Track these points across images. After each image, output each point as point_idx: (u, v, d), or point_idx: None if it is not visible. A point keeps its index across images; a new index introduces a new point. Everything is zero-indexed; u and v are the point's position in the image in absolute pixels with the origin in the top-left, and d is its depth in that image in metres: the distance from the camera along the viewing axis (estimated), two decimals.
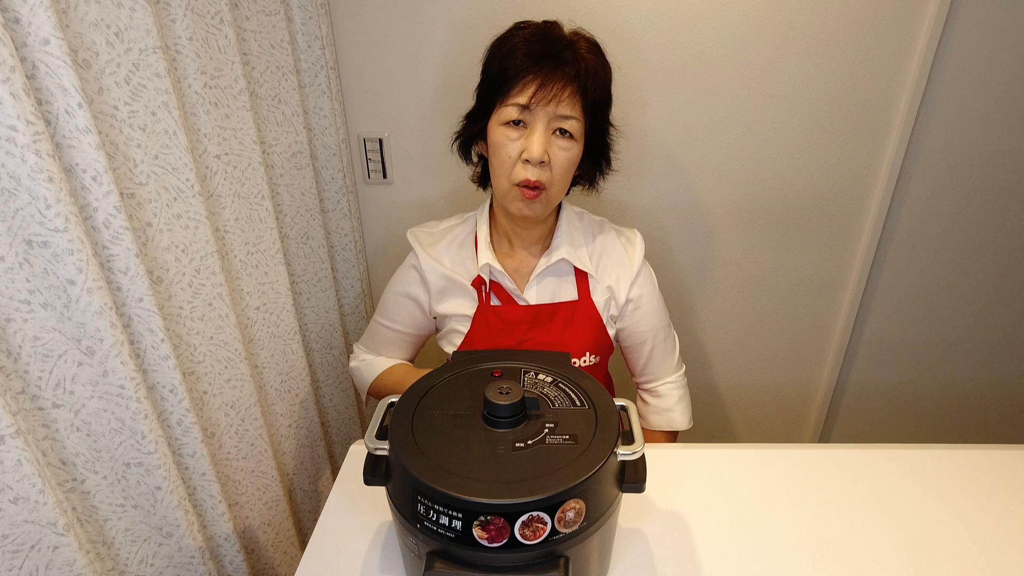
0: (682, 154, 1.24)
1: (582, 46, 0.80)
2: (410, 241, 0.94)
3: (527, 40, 0.78)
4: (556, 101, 0.77)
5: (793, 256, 1.35)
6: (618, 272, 0.93)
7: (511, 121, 0.79)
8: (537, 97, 0.77)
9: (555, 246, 0.91)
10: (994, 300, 1.39)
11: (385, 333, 1.00)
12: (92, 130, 0.60)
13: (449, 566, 0.51)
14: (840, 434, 1.60)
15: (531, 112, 0.78)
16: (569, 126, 0.79)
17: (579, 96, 0.79)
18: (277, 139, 1.01)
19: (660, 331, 0.98)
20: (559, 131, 0.80)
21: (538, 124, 0.78)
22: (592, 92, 0.79)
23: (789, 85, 1.17)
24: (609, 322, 0.94)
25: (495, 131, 0.81)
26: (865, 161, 1.24)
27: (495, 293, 0.91)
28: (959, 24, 1.10)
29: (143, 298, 0.69)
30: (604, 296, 0.93)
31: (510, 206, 0.84)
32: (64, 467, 0.65)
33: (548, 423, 0.57)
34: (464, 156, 0.92)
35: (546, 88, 0.76)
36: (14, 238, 0.57)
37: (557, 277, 0.92)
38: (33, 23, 0.54)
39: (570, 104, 0.78)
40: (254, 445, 0.95)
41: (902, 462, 0.81)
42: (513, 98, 0.78)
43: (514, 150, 0.80)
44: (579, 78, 0.78)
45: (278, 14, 0.96)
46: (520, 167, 0.80)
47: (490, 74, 0.82)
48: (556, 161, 0.80)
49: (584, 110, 0.80)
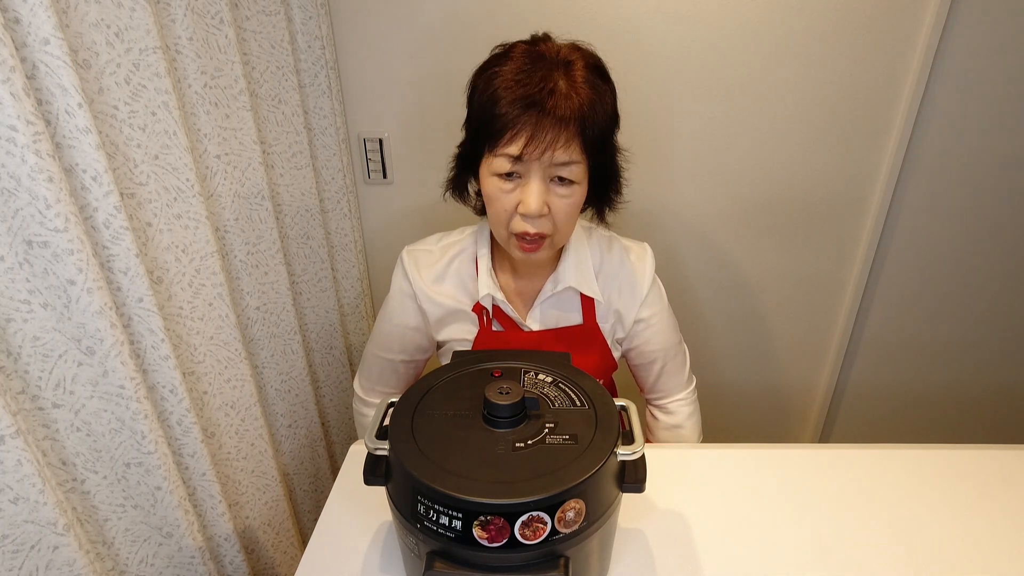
0: (682, 154, 1.24)
1: (577, 72, 0.69)
2: (406, 265, 0.86)
3: (512, 82, 0.68)
4: (551, 150, 0.68)
5: (793, 256, 1.35)
6: (627, 295, 0.88)
7: (503, 173, 0.71)
8: (529, 149, 0.68)
9: (561, 271, 0.84)
10: (994, 300, 1.39)
11: (386, 365, 0.94)
12: (92, 130, 0.60)
13: (449, 566, 0.51)
14: (840, 434, 1.60)
15: (524, 163, 0.70)
16: (568, 173, 0.71)
17: (577, 138, 0.69)
18: (277, 139, 1.01)
19: (670, 348, 0.93)
20: (558, 179, 0.72)
21: (533, 175, 0.70)
22: (592, 129, 0.70)
23: (789, 85, 1.17)
24: (615, 345, 0.91)
25: (487, 181, 0.74)
26: (865, 161, 1.24)
27: (497, 319, 0.87)
28: (959, 24, 1.10)
29: (143, 298, 0.69)
30: (611, 321, 0.89)
31: (511, 252, 0.79)
32: (64, 467, 0.65)
33: (548, 423, 0.57)
34: (460, 198, 0.85)
35: (538, 139, 0.67)
36: (14, 238, 0.57)
37: (562, 302, 0.87)
38: (33, 23, 0.54)
39: (567, 149, 0.69)
40: (254, 445, 0.95)
41: (902, 462, 0.81)
42: (503, 149, 0.70)
43: (509, 203, 0.73)
44: (575, 120, 0.68)
45: (278, 14, 0.96)
46: (517, 220, 0.74)
47: (476, 117, 0.73)
48: (557, 210, 0.73)
49: (585, 150, 0.71)
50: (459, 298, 0.86)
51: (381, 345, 0.93)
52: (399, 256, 0.88)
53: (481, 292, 0.83)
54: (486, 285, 0.83)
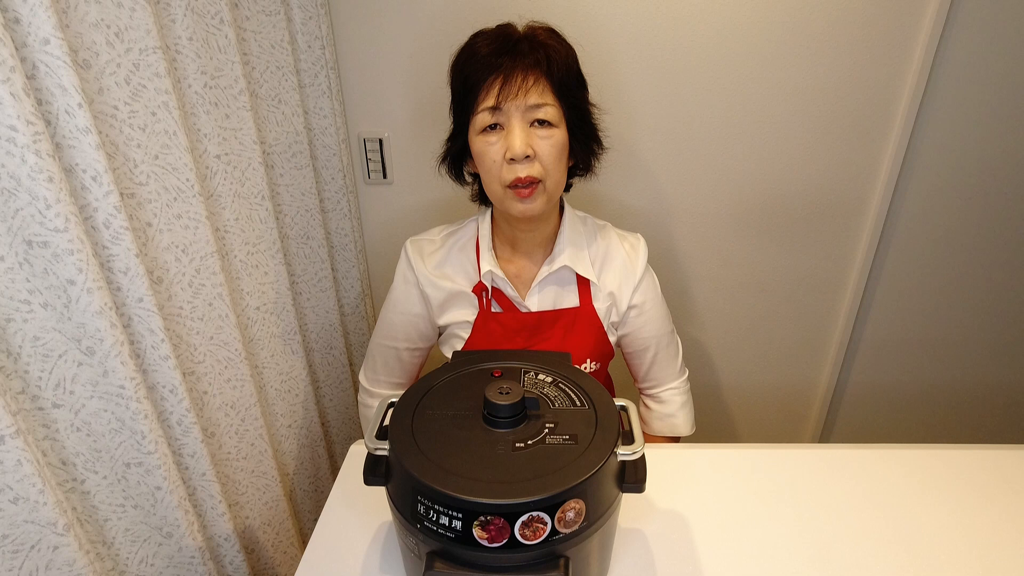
0: (681, 154, 1.24)
1: (539, 34, 0.79)
2: (409, 254, 0.92)
3: (483, 46, 0.78)
4: (523, 92, 0.76)
5: (793, 256, 1.35)
6: (620, 279, 0.92)
7: (487, 127, 0.78)
8: (504, 93, 0.75)
9: (557, 252, 0.89)
10: (994, 300, 1.39)
11: (391, 354, 0.97)
12: (92, 130, 0.60)
13: (449, 566, 0.51)
14: (840, 434, 1.60)
15: (503, 112, 0.77)
16: (544, 114, 0.77)
17: (546, 80, 0.77)
18: (277, 139, 1.01)
19: (663, 337, 0.97)
20: (537, 122, 0.78)
21: (513, 121, 0.77)
22: (558, 73, 0.78)
23: (789, 84, 1.16)
24: (610, 329, 0.94)
25: (475, 141, 0.80)
26: (865, 161, 1.24)
27: (496, 300, 0.90)
28: (959, 24, 1.10)
29: (143, 298, 0.69)
30: (606, 303, 0.92)
31: (510, 209, 0.82)
32: (64, 467, 0.65)
33: (548, 423, 0.57)
34: (456, 178, 0.91)
35: (510, 82, 0.75)
36: (14, 238, 0.57)
37: (559, 284, 0.91)
38: (33, 23, 0.54)
39: (539, 92, 0.77)
40: (254, 445, 0.95)
41: (902, 462, 0.81)
42: (482, 103, 0.77)
43: (497, 153, 0.78)
44: (540, 63, 0.77)
45: (278, 14, 0.96)
46: (507, 168, 0.79)
47: (456, 87, 0.81)
48: (542, 152, 0.78)
49: (556, 94, 0.78)
50: (460, 281, 0.90)
51: (385, 334, 0.97)
52: (403, 247, 0.93)
53: (483, 268, 0.88)
54: (487, 261, 0.88)
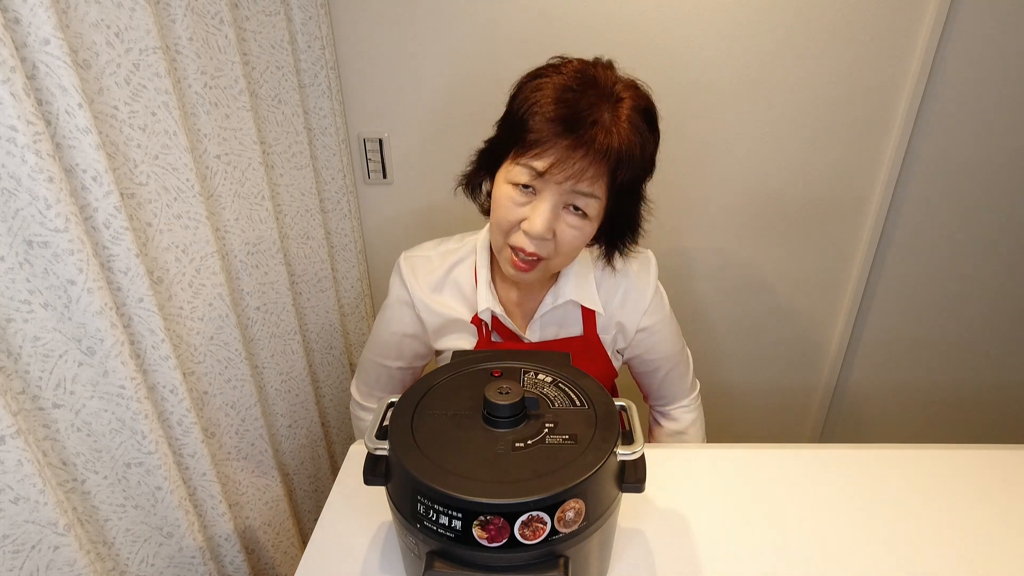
0: (681, 154, 1.24)
1: (624, 110, 0.66)
2: (403, 272, 0.84)
3: (555, 98, 0.65)
4: (574, 178, 0.65)
5: (793, 256, 1.35)
6: (629, 306, 0.86)
7: (520, 184, 0.68)
8: (553, 170, 0.65)
9: (562, 284, 0.82)
10: (994, 300, 1.39)
11: (383, 372, 0.92)
12: (92, 130, 0.60)
13: (449, 566, 0.51)
14: (840, 434, 1.60)
15: (543, 181, 0.66)
16: (584, 204, 0.68)
17: (606, 177, 0.67)
18: (277, 139, 1.01)
19: (673, 356, 0.92)
20: (573, 207, 0.69)
21: (548, 196, 0.67)
22: (624, 173, 0.67)
23: (789, 84, 1.17)
24: (615, 355, 0.90)
25: (500, 185, 0.71)
26: (865, 161, 1.24)
27: (496, 330, 0.85)
28: (959, 24, 1.10)
29: (143, 298, 0.69)
30: (612, 332, 0.87)
31: (502, 264, 0.75)
32: (64, 467, 0.65)
33: (548, 423, 0.57)
34: (470, 194, 0.81)
35: (566, 164, 0.64)
36: (14, 238, 0.57)
37: (563, 315, 0.85)
38: (33, 23, 0.54)
39: (591, 183, 0.66)
40: (254, 445, 0.95)
41: (902, 462, 0.81)
42: (528, 159, 0.66)
43: (515, 216, 0.70)
44: (610, 158, 0.65)
45: (278, 14, 0.96)
46: (519, 233, 0.70)
47: (510, 121, 0.70)
48: (562, 239, 0.70)
49: (609, 190, 0.68)
50: (458, 308, 0.84)
51: (378, 352, 0.92)
52: (396, 262, 0.87)
53: (480, 307, 0.82)
54: (485, 299, 0.81)
